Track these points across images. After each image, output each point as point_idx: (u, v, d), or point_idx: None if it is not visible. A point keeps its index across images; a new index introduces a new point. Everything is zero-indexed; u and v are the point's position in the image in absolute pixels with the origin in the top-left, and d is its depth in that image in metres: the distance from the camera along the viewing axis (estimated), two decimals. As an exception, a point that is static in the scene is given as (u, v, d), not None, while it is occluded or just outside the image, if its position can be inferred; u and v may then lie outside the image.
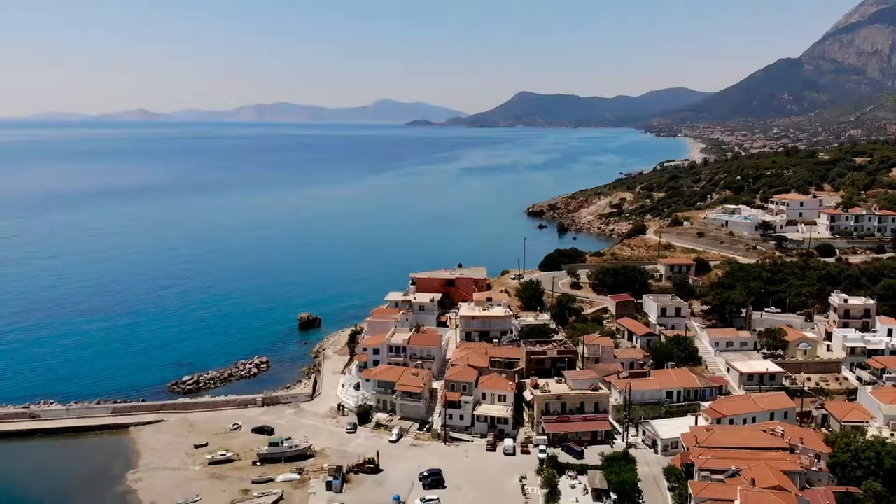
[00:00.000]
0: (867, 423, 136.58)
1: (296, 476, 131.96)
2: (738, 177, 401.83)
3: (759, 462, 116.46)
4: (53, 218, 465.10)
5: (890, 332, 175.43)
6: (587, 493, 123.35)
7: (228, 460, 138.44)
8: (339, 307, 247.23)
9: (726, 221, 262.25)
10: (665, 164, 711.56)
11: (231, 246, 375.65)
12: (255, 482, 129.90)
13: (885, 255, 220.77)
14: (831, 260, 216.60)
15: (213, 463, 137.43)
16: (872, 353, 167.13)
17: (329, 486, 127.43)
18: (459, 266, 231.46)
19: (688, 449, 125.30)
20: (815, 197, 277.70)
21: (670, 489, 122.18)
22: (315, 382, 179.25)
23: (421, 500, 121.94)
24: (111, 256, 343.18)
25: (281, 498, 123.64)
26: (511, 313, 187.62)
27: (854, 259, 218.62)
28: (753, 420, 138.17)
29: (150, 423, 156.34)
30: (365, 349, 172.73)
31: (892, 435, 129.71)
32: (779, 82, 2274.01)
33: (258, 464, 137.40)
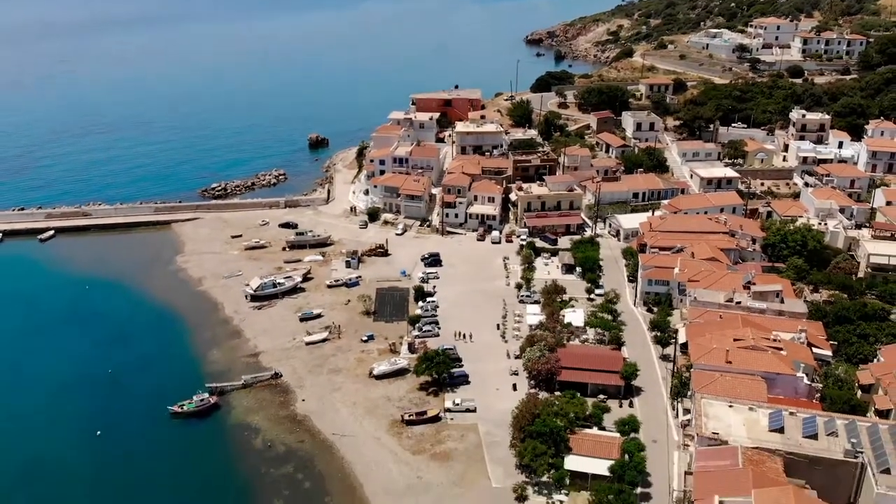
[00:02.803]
0: (801, 215, 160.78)
1: (319, 257, 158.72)
2: (733, 3, 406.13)
3: (701, 242, 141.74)
4: (58, 46, 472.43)
5: (840, 145, 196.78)
6: (558, 268, 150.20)
7: (262, 246, 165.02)
8: (344, 128, 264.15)
9: (707, 44, 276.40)
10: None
11: (235, 74, 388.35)
12: (286, 262, 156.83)
13: (848, 77, 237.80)
14: (799, 81, 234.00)
15: (249, 248, 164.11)
16: (822, 161, 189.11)
17: (348, 264, 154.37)
18: (456, 87, 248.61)
19: (643, 233, 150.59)
20: (792, 21, 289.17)
21: (626, 264, 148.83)
22: (329, 190, 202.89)
23: (423, 273, 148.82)
24: (126, 84, 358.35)
25: (309, 272, 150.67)
26: (502, 129, 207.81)
27: (820, 80, 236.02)
28: (705, 213, 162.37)
29: (188, 220, 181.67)
30: (372, 160, 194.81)
31: (818, 224, 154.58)
32: None
33: (287, 249, 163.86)
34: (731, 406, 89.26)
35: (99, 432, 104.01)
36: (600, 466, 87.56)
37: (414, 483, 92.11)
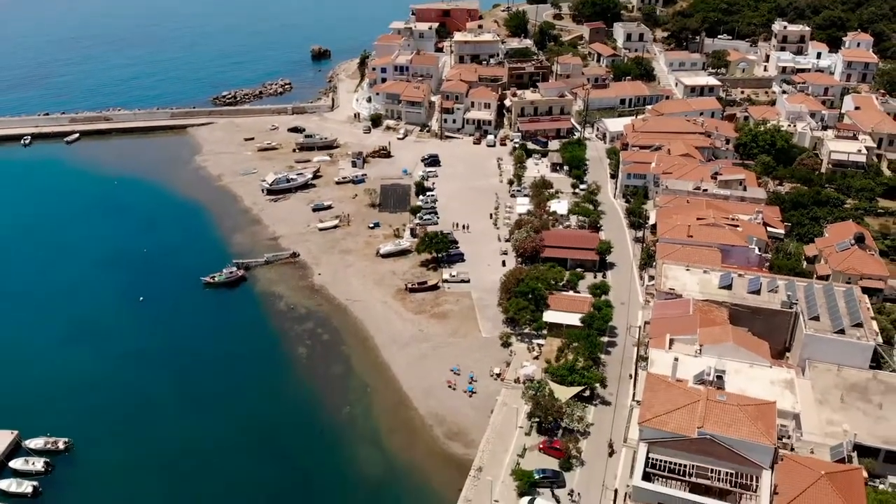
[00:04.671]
0: (774, 119, 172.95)
1: (327, 158, 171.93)
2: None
3: (677, 140, 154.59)
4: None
5: (819, 55, 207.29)
6: (547, 167, 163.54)
7: (273, 148, 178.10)
8: (345, 41, 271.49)
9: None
10: None
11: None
12: (297, 161, 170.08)
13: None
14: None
15: (261, 150, 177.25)
16: (800, 71, 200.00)
17: (354, 164, 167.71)
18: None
19: (626, 134, 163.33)
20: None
21: (609, 163, 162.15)
22: (333, 99, 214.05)
23: (423, 172, 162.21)
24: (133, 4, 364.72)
25: (318, 170, 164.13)
26: (498, 39, 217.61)
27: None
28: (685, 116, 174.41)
29: (203, 124, 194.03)
30: (374, 69, 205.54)
31: (788, 125, 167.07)
32: None
33: (297, 151, 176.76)
34: (687, 269, 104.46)
35: (142, 298, 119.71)
36: (573, 318, 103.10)
37: (416, 334, 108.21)
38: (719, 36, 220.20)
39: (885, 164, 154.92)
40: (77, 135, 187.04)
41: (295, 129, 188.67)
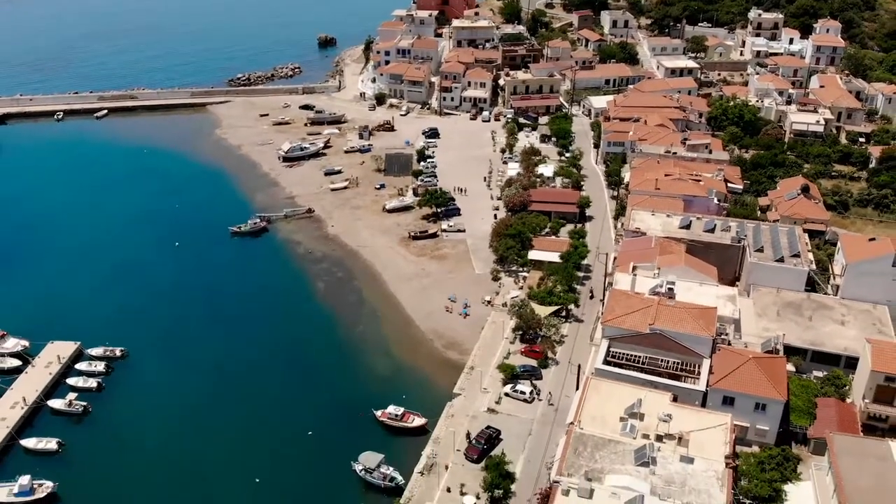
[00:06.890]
0: (744, 96, 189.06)
1: (336, 131, 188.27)
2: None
3: (654, 113, 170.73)
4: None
5: (791, 41, 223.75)
6: (537, 139, 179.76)
7: (287, 122, 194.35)
8: (350, 28, 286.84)
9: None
10: None
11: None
12: (308, 134, 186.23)
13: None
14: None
15: (276, 124, 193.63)
16: (773, 55, 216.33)
17: (360, 136, 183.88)
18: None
19: (608, 109, 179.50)
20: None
21: (593, 135, 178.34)
22: (339, 81, 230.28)
23: (424, 143, 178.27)
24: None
25: (328, 141, 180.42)
26: (494, 25, 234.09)
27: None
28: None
29: (221, 102, 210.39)
30: (378, 52, 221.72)
31: (755, 101, 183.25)
32: None
33: (308, 125, 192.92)
34: (653, 214, 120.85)
35: (177, 243, 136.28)
36: (554, 256, 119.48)
37: (418, 272, 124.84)
38: (699, 23, 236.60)
39: (843, 134, 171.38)
40: (105, 111, 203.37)
41: (306, 107, 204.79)
